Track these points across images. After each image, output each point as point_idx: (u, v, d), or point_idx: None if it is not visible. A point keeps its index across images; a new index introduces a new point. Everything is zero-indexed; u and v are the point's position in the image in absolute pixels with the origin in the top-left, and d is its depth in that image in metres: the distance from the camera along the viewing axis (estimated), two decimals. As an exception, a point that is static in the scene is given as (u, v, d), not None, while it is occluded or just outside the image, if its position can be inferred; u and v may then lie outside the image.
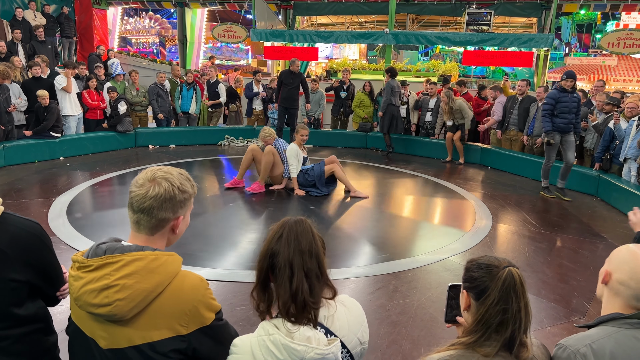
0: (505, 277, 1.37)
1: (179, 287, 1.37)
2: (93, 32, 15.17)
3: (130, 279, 1.31)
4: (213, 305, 1.43)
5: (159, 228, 1.46)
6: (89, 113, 9.24)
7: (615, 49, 11.77)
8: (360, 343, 1.56)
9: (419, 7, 13.89)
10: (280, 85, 9.49)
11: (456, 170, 8.74)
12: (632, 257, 1.49)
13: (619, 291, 1.48)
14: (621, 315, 1.46)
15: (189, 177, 1.53)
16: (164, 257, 1.39)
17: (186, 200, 1.49)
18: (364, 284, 4.21)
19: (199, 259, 4.54)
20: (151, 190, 1.41)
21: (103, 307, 1.31)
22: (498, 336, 1.36)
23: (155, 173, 1.45)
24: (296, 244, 1.47)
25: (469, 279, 1.45)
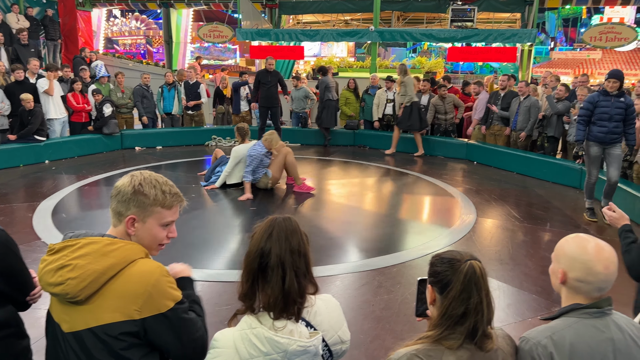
0: (467, 270, 1.41)
1: (133, 272, 1.41)
2: (77, 34, 15.04)
3: (83, 260, 1.38)
4: (171, 293, 1.43)
5: (119, 219, 1.52)
6: (74, 116, 9.19)
7: (598, 43, 11.91)
8: (341, 341, 1.58)
9: (404, 4, 13.95)
10: (257, 85, 9.51)
11: (440, 166, 8.80)
12: (580, 251, 1.50)
13: (579, 288, 1.50)
14: (580, 305, 1.49)
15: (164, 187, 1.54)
16: (120, 243, 1.44)
17: (143, 203, 1.49)
18: (349, 280, 4.25)
19: (185, 260, 4.54)
20: (120, 181, 1.53)
21: (57, 285, 1.37)
22: (462, 328, 1.39)
23: (135, 172, 1.56)
24: (287, 243, 1.49)
25: (433, 274, 1.48)
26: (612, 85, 5.58)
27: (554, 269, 1.58)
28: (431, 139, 9.70)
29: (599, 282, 1.48)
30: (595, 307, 1.49)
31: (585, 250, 1.50)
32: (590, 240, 1.53)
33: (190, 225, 5.48)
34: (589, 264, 1.47)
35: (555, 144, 8.35)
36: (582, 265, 1.48)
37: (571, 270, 1.50)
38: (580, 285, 1.50)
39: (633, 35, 11.77)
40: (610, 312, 1.51)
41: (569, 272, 1.51)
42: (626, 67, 22.23)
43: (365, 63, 14.61)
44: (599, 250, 1.49)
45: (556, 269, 1.57)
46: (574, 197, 6.98)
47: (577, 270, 1.49)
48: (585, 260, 1.48)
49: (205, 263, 4.54)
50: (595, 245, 1.50)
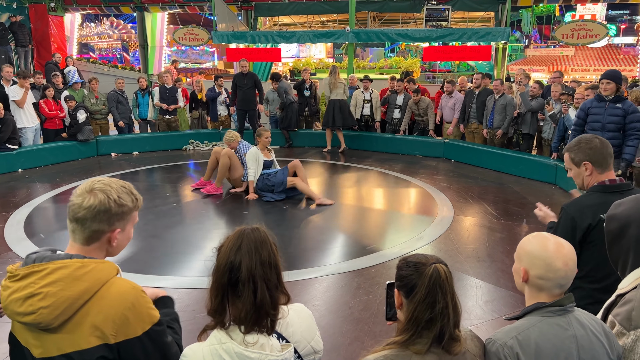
0: (432, 273, 1.40)
1: (107, 295, 1.36)
2: (50, 39, 14.80)
3: (54, 287, 1.31)
4: (147, 315, 1.40)
5: (94, 239, 1.45)
6: (48, 123, 9.01)
7: (570, 40, 12.11)
8: (314, 351, 1.57)
9: (379, 5, 14.01)
10: (235, 88, 9.49)
11: (419, 165, 8.85)
12: (540, 250, 1.54)
13: (541, 285, 1.53)
14: (543, 304, 1.52)
15: (132, 190, 1.52)
16: (92, 264, 1.38)
17: (125, 213, 1.48)
18: (328, 283, 4.25)
19: (162, 267, 4.50)
20: (86, 201, 1.42)
21: (28, 315, 1.31)
22: (429, 332, 1.39)
23: (95, 184, 1.46)
24: (257, 255, 1.45)
25: (399, 278, 1.48)
26: (606, 88, 4.80)
27: (516, 268, 1.61)
28: (409, 138, 9.76)
29: (559, 278, 1.51)
30: (558, 304, 1.51)
31: (545, 247, 1.53)
32: (549, 238, 1.57)
33: (165, 231, 5.42)
34: (548, 261, 1.51)
35: (530, 141, 8.46)
36: (542, 262, 1.52)
37: (532, 267, 1.54)
38: (541, 282, 1.53)
39: (604, 32, 12.00)
40: (572, 309, 1.54)
41: (530, 270, 1.54)
42: (599, 63, 22.71)
43: (342, 64, 14.63)
44: (558, 247, 1.53)
45: (518, 267, 1.60)
46: (549, 192, 7.08)
47: (538, 267, 1.52)
48: (545, 257, 1.52)
49: (182, 269, 4.49)
50: (555, 243, 1.54)
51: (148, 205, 6.37)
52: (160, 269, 4.48)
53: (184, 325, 3.47)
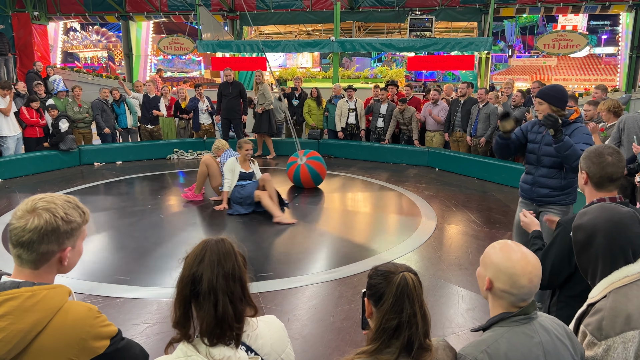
0: (399, 282, 1.40)
1: (62, 322, 1.31)
2: (33, 48, 14.66)
3: (4, 321, 1.24)
4: (104, 332, 1.37)
5: (43, 262, 1.37)
6: (28, 131, 8.88)
7: (551, 50, 12.31)
8: None
9: (364, 15, 14.13)
10: (220, 97, 9.53)
11: (403, 173, 8.89)
12: (506, 264, 1.52)
13: (504, 297, 1.54)
14: (509, 314, 1.52)
15: (79, 204, 1.45)
16: (42, 292, 1.31)
17: (74, 230, 1.41)
18: (310, 292, 4.23)
19: (142, 278, 4.45)
20: (30, 223, 1.33)
21: None
22: (397, 342, 1.38)
23: (37, 203, 1.36)
24: (220, 268, 1.41)
25: (369, 287, 1.47)
26: (537, 109, 3.57)
27: (481, 274, 1.61)
28: (394, 147, 9.81)
29: (523, 294, 1.52)
30: (523, 313, 1.52)
31: (512, 262, 1.52)
32: (517, 251, 1.55)
33: (146, 241, 5.37)
34: (514, 278, 1.50)
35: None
36: (507, 278, 1.51)
37: (496, 280, 1.53)
38: (504, 295, 1.53)
39: (584, 42, 12.23)
40: (536, 316, 1.55)
41: (495, 282, 1.54)
42: (580, 72, 23.11)
43: (328, 73, 14.71)
44: (524, 263, 1.52)
45: (483, 274, 1.59)
46: (531, 200, 7.14)
47: (502, 282, 1.52)
48: (510, 274, 1.50)
49: (161, 280, 4.44)
50: (521, 258, 1.53)
51: (130, 214, 6.31)
52: (140, 279, 4.42)
53: (163, 337, 3.44)
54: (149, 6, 15.06)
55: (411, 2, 13.39)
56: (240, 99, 9.63)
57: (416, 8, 13.00)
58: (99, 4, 15.22)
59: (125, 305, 3.93)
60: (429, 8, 13.18)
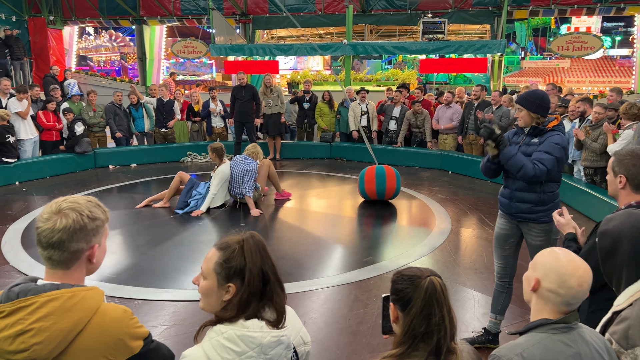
0: (427, 286, 1.41)
1: (100, 323, 1.35)
2: (49, 52, 14.87)
3: (46, 321, 1.27)
4: (139, 333, 1.42)
5: (73, 261, 1.41)
6: (45, 134, 9.02)
7: (565, 52, 12.23)
8: (303, 342, 1.59)
9: (376, 18, 14.14)
10: (233, 101, 9.59)
11: (416, 176, 8.87)
12: (557, 264, 1.52)
13: (549, 298, 1.51)
14: (548, 321, 1.50)
15: (99, 203, 1.49)
16: (82, 293, 1.35)
17: (99, 227, 1.44)
18: (325, 295, 4.23)
19: (158, 281, 4.49)
20: (58, 223, 1.36)
21: (20, 352, 1.26)
22: (425, 346, 1.39)
23: (61, 204, 1.40)
24: (266, 255, 1.50)
25: (394, 291, 1.47)
26: (517, 115, 3.28)
27: (529, 276, 1.60)
28: (407, 149, 9.79)
29: (569, 296, 1.49)
30: (563, 322, 1.50)
31: (562, 263, 1.51)
32: (569, 255, 1.55)
33: (164, 247, 5.41)
34: (563, 277, 1.49)
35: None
36: (556, 277, 1.50)
37: (545, 279, 1.52)
38: (550, 295, 1.51)
39: (598, 44, 12.13)
40: (576, 327, 1.52)
41: (543, 281, 1.52)
42: (594, 74, 22.89)
43: (340, 76, 14.73)
44: (575, 266, 1.51)
45: (531, 276, 1.58)
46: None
47: (551, 280, 1.51)
48: (560, 273, 1.50)
49: (178, 282, 4.47)
50: (572, 261, 1.52)
51: (146, 216, 6.37)
52: (157, 281, 4.46)
53: (180, 339, 3.48)
54: (162, 10, 15.20)
55: (423, 4, 13.37)
56: (253, 102, 9.69)
57: (428, 11, 13.00)
58: (114, 9, 15.39)
59: (143, 307, 3.97)
60: (441, 11, 13.17)
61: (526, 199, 3.26)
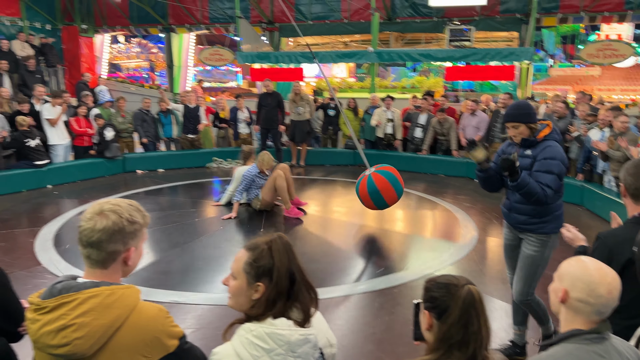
0: (465, 295, 1.41)
1: (137, 320, 1.39)
2: (81, 60, 15.27)
3: (87, 317, 1.32)
4: (175, 332, 1.46)
5: (110, 261, 1.45)
6: (77, 140, 9.26)
7: (596, 60, 11.99)
8: (330, 344, 1.61)
9: (402, 25, 14.11)
10: (259, 108, 9.68)
11: (441, 184, 8.80)
12: (585, 273, 1.49)
13: (579, 308, 1.48)
14: (580, 331, 1.47)
15: (140, 207, 1.54)
16: (120, 291, 1.40)
17: (137, 231, 1.49)
18: (349, 302, 4.23)
19: (186, 284, 4.55)
20: (98, 223, 1.42)
21: (62, 347, 1.32)
22: (460, 354, 1.38)
23: (103, 206, 1.46)
24: (293, 256, 1.54)
25: (429, 299, 1.46)
26: (514, 134, 3.15)
27: (556, 288, 1.56)
28: (432, 157, 9.72)
29: (600, 305, 1.46)
30: (595, 332, 1.47)
31: (590, 271, 1.49)
32: (596, 263, 1.52)
33: (189, 248, 5.48)
34: (592, 286, 1.46)
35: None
36: (585, 286, 1.47)
37: (573, 289, 1.49)
38: (580, 305, 1.48)
39: (630, 52, 11.86)
40: (609, 337, 1.49)
41: (571, 292, 1.49)
42: (625, 82, 22.36)
43: (364, 83, 14.74)
44: (603, 274, 1.48)
45: (558, 287, 1.55)
46: (575, 214, 6.95)
47: (579, 290, 1.48)
48: (589, 282, 1.47)
49: (205, 286, 4.52)
50: (600, 269, 1.50)
51: (171, 221, 6.47)
52: (183, 285, 4.52)
53: (206, 342, 3.51)
54: (190, 19, 15.47)
55: (450, 12, 13.29)
56: (278, 109, 9.76)
57: (455, 18, 12.91)
58: (143, 17, 15.73)
59: (170, 310, 3.98)
60: (468, 18, 13.07)
61: (524, 211, 3.20)
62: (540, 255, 3.20)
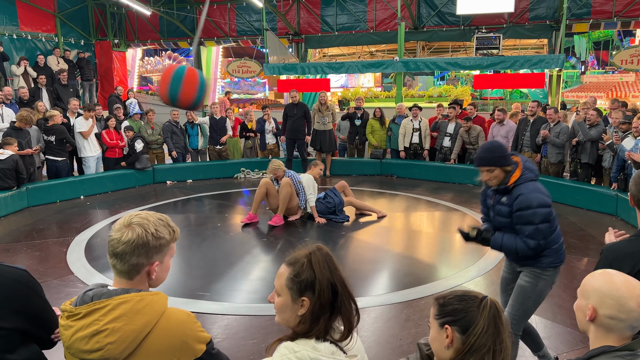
0: (490, 305, 1.39)
1: (166, 325, 1.42)
2: (113, 73, 15.72)
3: (119, 322, 1.36)
4: (202, 337, 1.48)
5: (134, 273, 1.47)
6: (109, 152, 9.50)
7: (629, 66, 11.67)
8: None
9: (428, 34, 14.05)
10: (285, 118, 9.75)
11: (470, 194, 8.66)
12: (611, 287, 1.43)
13: (611, 325, 1.43)
14: (611, 348, 1.42)
15: (169, 222, 1.55)
16: (149, 297, 1.43)
17: (162, 246, 1.50)
18: (376, 313, 4.19)
19: (212, 294, 4.58)
20: (124, 236, 1.44)
21: (95, 352, 1.35)
22: None
23: (132, 219, 1.48)
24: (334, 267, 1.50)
25: (451, 313, 1.43)
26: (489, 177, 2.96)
27: (581, 305, 1.50)
28: (460, 166, 9.60)
29: (632, 319, 1.41)
30: (628, 349, 1.40)
31: (617, 286, 1.43)
32: (620, 276, 1.46)
33: (216, 258, 5.53)
34: (621, 301, 1.40)
35: (589, 170, 8.13)
36: (614, 302, 1.41)
37: (602, 306, 1.43)
38: (611, 322, 1.42)
39: (666, 57, 11.50)
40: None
41: (600, 309, 1.43)
42: (661, 89, 21.65)
43: (391, 93, 14.69)
44: (631, 286, 1.43)
45: (583, 305, 1.48)
46: (609, 224, 6.68)
47: (609, 306, 1.42)
48: (617, 297, 1.41)
49: (231, 296, 4.55)
50: (627, 282, 1.44)
51: (201, 231, 6.54)
52: (210, 294, 4.55)
53: (231, 353, 3.52)
54: (219, 32, 15.76)
55: (477, 20, 13.18)
56: (304, 120, 9.82)
57: (482, 26, 12.79)
58: (173, 31, 16.11)
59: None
60: (496, 26, 12.93)
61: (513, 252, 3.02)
62: (531, 286, 3.01)
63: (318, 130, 10.09)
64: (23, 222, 7.06)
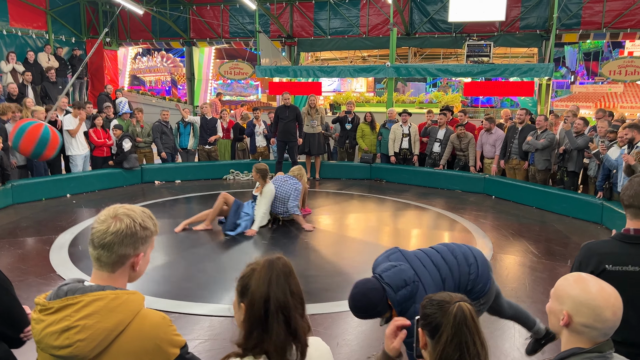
0: (456, 312, 1.37)
1: (140, 326, 1.39)
2: (104, 72, 15.63)
3: (91, 319, 1.33)
4: (177, 341, 1.45)
5: (119, 265, 1.46)
6: (96, 151, 9.42)
7: (617, 77, 11.82)
8: None
9: (420, 41, 14.14)
10: (276, 120, 9.73)
11: (458, 200, 8.71)
12: (587, 296, 1.43)
13: (584, 332, 1.43)
14: (581, 350, 1.43)
15: (152, 215, 1.54)
16: (125, 296, 1.41)
17: (147, 237, 1.50)
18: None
19: (195, 295, 4.55)
20: (112, 226, 1.43)
21: (64, 348, 1.32)
22: None
23: (118, 210, 1.47)
24: (287, 286, 1.44)
25: (423, 316, 1.44)
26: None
27: (554, 309, 1.50)
28: (449, 172, 9.64)
29: (607, 328, 1.42)
30: (597, 351, 1.42)
31: (592, 295, 1.43)
32: (595, 283, 1.47)
33: (202, 261, 5.50)
34: (597, 311, 1.41)
35: (575, 179, 8.21)
36: (590, 312, 1.42)
37: (577, 314, 1.43)
38: (585, 330, 1.43)
39: (653, 69, 11.66)
40: (611, 356, 1.44)
41: (575, 317, 1.44)
42: (649, 100, 21.92)
43: (382, 97, 14.75)
44: (606, 295, 1.43)
45: (557, 309, 1.49)
46: (594, 232, 6.81)
47: (584, 315, 1.42)
48: (593, 307, 1.41)
49: (216, 297, 4.52)
50: (601, 290, 1.44)
51: (185, 232, 6.50)
52: (193, 295, 4.52)
53: (214, 354, 3.50)
54: (211, 33, 15.74)
55: (469, 27, 13.29)
56: (296, 122, 9.81)
57: (474, 34, 12.89)
58: (165, 31, 16.06)
59: (179, 321, 4.02)
60: (487, 34, 13.04)
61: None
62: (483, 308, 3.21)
63: (307, 133, 10.09)
64: (7, 220, 6.97)
